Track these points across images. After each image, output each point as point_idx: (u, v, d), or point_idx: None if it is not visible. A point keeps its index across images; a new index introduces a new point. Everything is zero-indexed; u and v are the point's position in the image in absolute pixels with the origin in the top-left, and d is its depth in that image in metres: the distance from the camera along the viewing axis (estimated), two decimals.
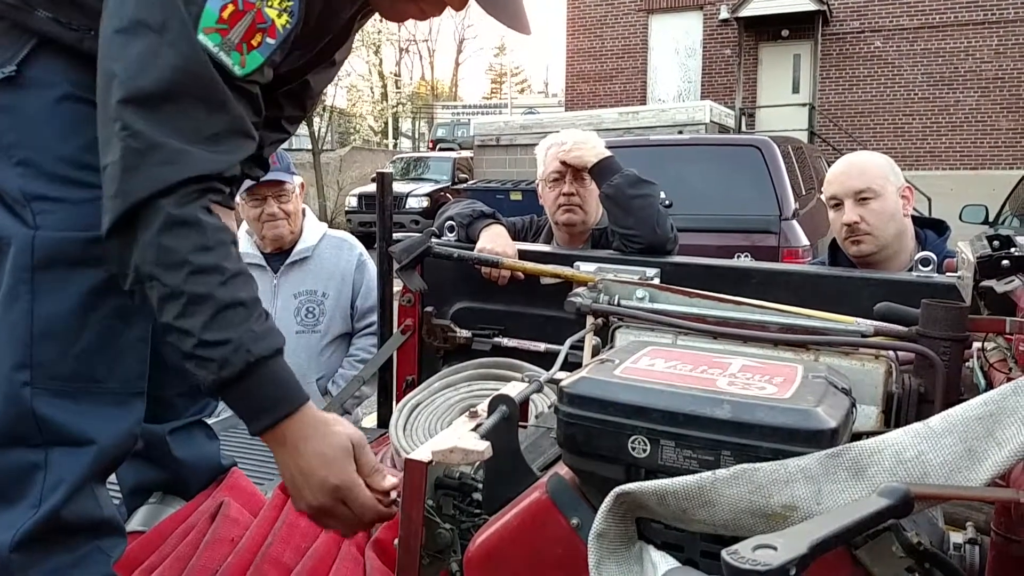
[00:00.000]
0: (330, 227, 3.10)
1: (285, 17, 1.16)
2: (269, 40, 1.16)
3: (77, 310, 1.22)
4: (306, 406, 1.17)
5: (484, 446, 1.01)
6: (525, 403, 1.32)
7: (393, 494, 1.20)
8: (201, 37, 1.10)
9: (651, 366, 0.97)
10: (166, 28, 1.09)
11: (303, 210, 2.88)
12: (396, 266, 2.36)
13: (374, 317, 2.83)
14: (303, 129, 19.81)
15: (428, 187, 16.60)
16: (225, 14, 1.11)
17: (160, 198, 1.09)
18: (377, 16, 1.44)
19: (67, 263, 1.21)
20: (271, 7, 1.14)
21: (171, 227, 1.09)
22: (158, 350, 1.40)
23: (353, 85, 25.76)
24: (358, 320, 2.89)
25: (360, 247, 2.98)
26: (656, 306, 1.43)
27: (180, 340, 1.11)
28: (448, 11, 1.34)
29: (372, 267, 2.90)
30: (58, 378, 1.21)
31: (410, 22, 1.49)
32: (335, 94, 23.58)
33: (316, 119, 19.95)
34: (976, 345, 1.24)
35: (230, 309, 1.11)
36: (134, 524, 1.59)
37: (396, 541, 1.09)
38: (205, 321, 1.09)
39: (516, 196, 9.60)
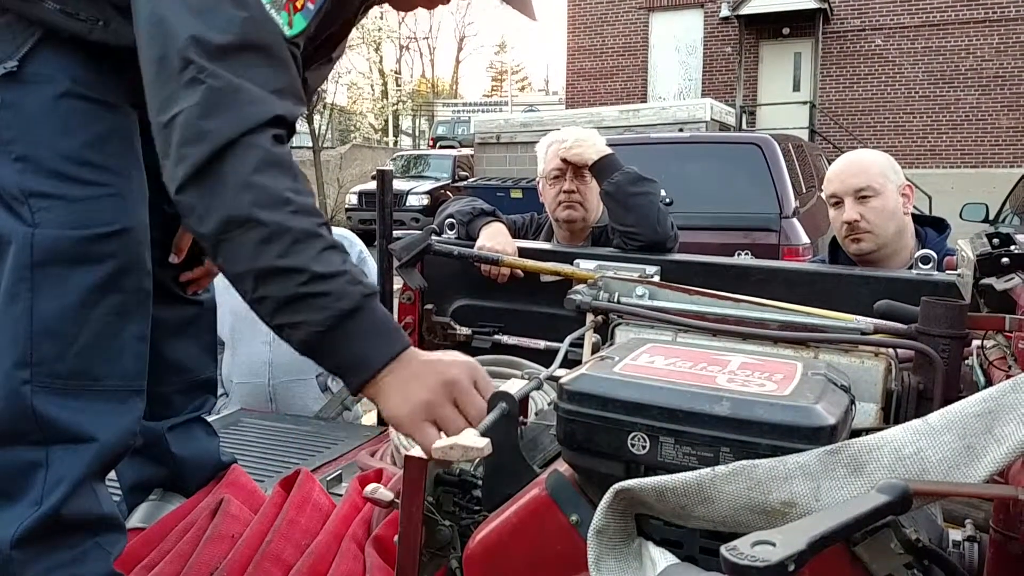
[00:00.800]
0: (330, 224, 3.10)
1: None
2: (310, 5, 1.14)
3: (76, 308, 1.22)
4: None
5: (484, 443, 1.01)
6: (525, 400, 1.32)
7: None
8: None
9: (651, 363, 0.98)
10: None
11: None
12: (396, 263, 2.37)
13: None
14: (303, 126, 19.80)
15: (428, 185, 16.59)
16: None
17: (250, 136, 1.04)
18: (377, 13, 1.45)
19: (66, 261, 1.21)
20: None
21: (268, 166, 1.04)
22: (157, 347, 1.40)
23: (353, 83, 25.76)
24: None
25: (360, 244, 2.98)
26: (656, 303, 1.43)
27: (285, 282, 1.01)
28: (454, 2, 1.34)
29: (372, 264, 2.90)
30: (58, 376, 1.21)
31: (411, 19, 1.48)
32: (335, 91, 23.58)
33: (316, 116, 19.93)
34: (976, 343, 1.25)
35: (334, 249, 1.06)
36: (134, 521, 1.59)
37: (396, 538, 1.09)
38: (315, 255, 1.03)
39: (516, 194, 9.60)
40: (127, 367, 1.29)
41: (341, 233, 2.99)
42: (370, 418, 2.97)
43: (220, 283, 1.44)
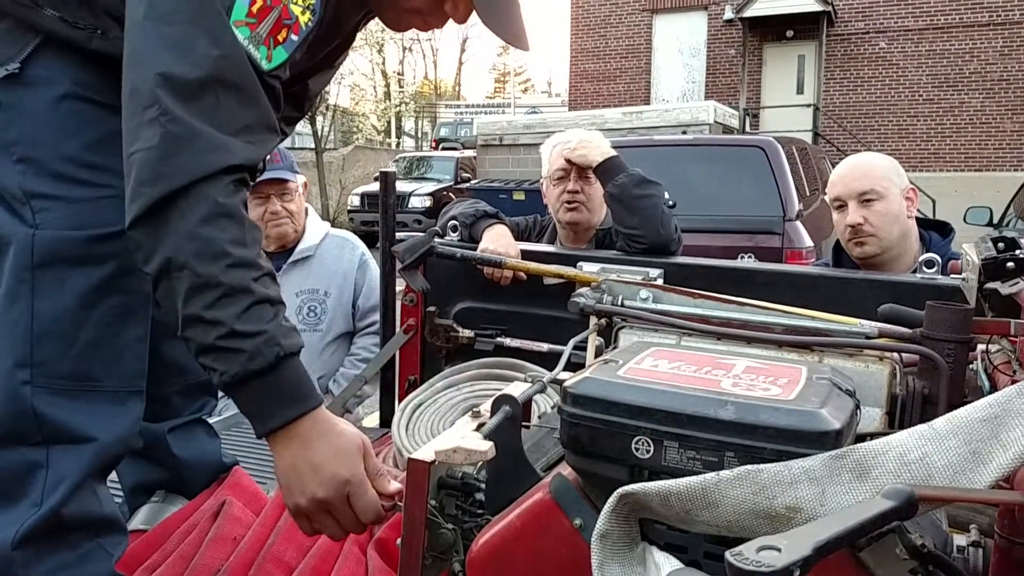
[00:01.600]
0: (332, 226, 3.10)
1: (308, 15, 1.18)
2: (293, 36, 1.17)
3: (76, 309, 1.22)
4: (322, 405, 1.17)
5: (487, 446, 1.01)
6: (528, 403, 1.31)
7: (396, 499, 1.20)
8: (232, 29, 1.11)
9: (655, 367, 0.97)
10: (202, 15, 1.09)
11: (306, 209, 2.89)
12: (399, 265, 2.36)
13: (375, 316, 2.83)
14: (306, 128, 19.84)
15: (431, 186, 16.60)
16: (254, 8, 1.12)
17: (203, 184, 1.07)
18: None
19: (67, 262, 1.21)
20: (296, 4, 1.16)
21: (215, 217, 1.08)
22: (157, 348, 1.40)
23: (356, 84, 25.81)
24: (359, 319, 2.89)
25: (362, 246, 2.98)
26: (660, 307, 1.43)
27: (205, 331, 1.08)
28: (450, 22, 1.35)
29: (374, 267, 2.90)
30: (58, 376, 1.21)
31: (408, 31, 1.49)
32: (338, 93, 23.62)
33: (319, 118, 19.96)
34: (980, 347, 1.24)
35: (263, 304, 1.10)
36: (136, 523, 1.59)
37: (398, 541, 1.09)
38: (239, 312, 1.07)
39: (519, 196, 9.61)
40: (127, 368, 1.29)
41: (343, 235, 3.00)
42: (371, 420, 2.97)
43: None
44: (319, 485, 1.15)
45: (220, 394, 2.45)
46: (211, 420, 1.74)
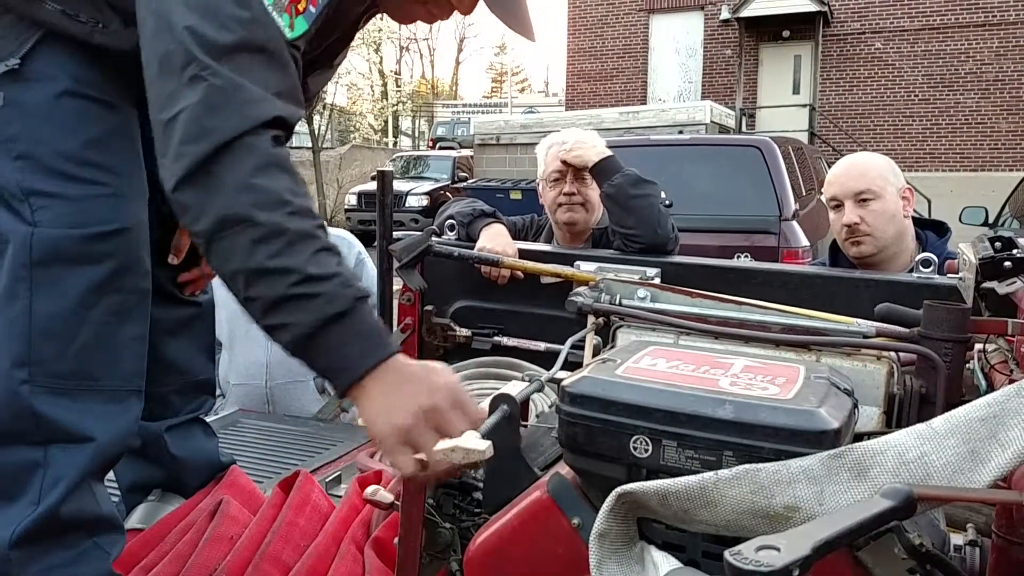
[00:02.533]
0: (329, 225, 3.09)
1: None
2: (311, 8, 1.14)
3: (75, 308, 1.22)
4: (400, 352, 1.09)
5: (485, 445, 1.01)
6: (525, 402, 1.31)
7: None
8: None
9: (653, 366, 0.97)
10: None
11: None
12: (396, 264, 2.36)
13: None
14: (303, 127, 19.81)
15: (428, 186, 16.60)
16: None
17: (250, 136, 1.03)
18: (378, 14, 1.45)
19: (65, 261, 1.21)
20: None
21: (267, 166, 1.04)
22: (155, 347, 1.40)
23: (353, 83, 25.79)
24: None
25: (359, 245, 2.98)
26: (658, 306, 1.43)
27: (276, 282, 1.01)
28: (455, 15, 1.34)
29: (370, 265, 2.89)
30: (56, 376, 1.21)
31: (413, 23, 1.48)
32: (335, 92, 23.57)
33: (316, 117, 19.93)
34: (977, 347, 1.24)
35: (329, 250, 1.05)
36: (133, 522, 1.59)
37: (396, 540, 1.09)
38: (309, 257, 1.02)
39: (516, 195, 9.60)
40: (126, 367, 1.29)
41: (339, 234, 2.99)
42: None
43: (218, 284, 1.44)
44: (423, 395, 1.04)
45: (217, 393, 2.45)
46: (208, 419, 1.74)
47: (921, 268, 2.03)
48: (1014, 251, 1.30)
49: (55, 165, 1.20)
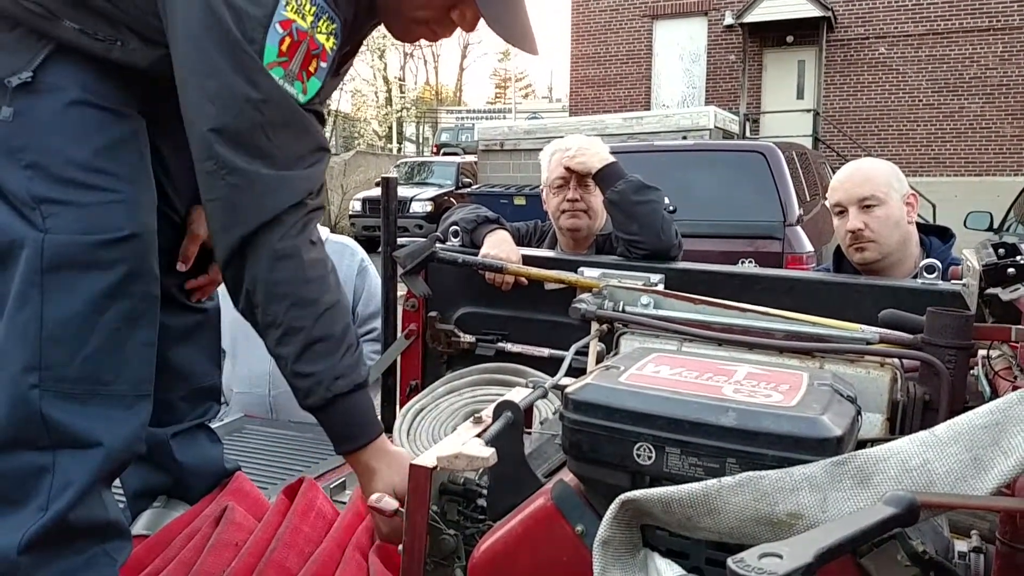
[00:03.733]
0: (333, 231, 3.08)
1: (332, 40, 1.23)
2: (323, 64, 1.22)
3: (85, 313, 1.23)
4: (380, 439, 1.30)
5: (489, 452, 1.01)
6: (529, 409, 1.32)
7: None
8: None
9: (656, 373, 0.97)
10: (239, 65, 1.14)
11: None
12: (400, 271, 2.37)
13: (375, 323, 2.83)
14: None
15: (432, 191, 16.61)
16: (284, 47, 1.17)
17: (266, 230, 1.18)
18: None
19: (76, 266, 1.22)
20: (320, 33, 1.20)
21: (276, 260, 1.19)
22: (162, 353, 1.40)
23: (358, 90, 25.85)
24: (359, 326, 2.88)
25: (362, 253, 2.97)
26: (661, 312, 1.43)
27: (281, 364, 1.24)
28: (457, 31, 1.36)
29: (373, 273, 2.89)
30: (66, 380, 1.22)
31: (416, 42, 1.52)
32: (339, 98, 23.62)
33: None
34: (981, 353, 1.24)
35: (320, 343, 1.22)
36: (138, 528, 1.59)
37: (400, 547, 1.09)
38: (297, 352, 1.21)
39: (520, 201, 9.60)
40: (135, 372, 1.29)
41: (343, 241, 2.99)
42: None
43: (222, 292, 1.45)
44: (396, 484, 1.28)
45: (223, 398, 2.45)
46: (213, 425, 1.74)
47: (925, 274, 2.02)
48: (1018, 257, 1.30)
49: (65, 173, 1.22)
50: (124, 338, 1.27)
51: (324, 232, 2.92)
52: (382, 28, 1.43)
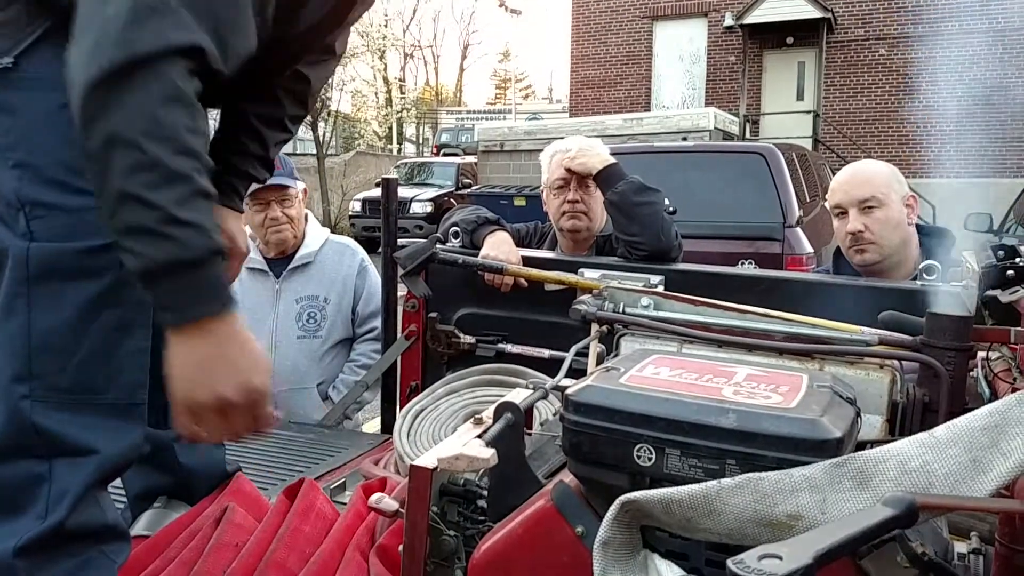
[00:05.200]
0: (333, 231, 3.09)
1: None
2: None
3: (75, 322, 1.21)
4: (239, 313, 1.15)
5: (489, 453, 1.01)
6: (529, 410, 1.32)
7: None
8: None
9: (656, 374, 0.98)
10: None
11: (306, 215, 2.89)
12: (401, 272, 2.37)
13: (375, 323, 2.84)
14: (308, 134, 19.88)
15: (432, 192, 16.62)
16: None
17: (164, 61, 1.04)
18: (382, 21, 1.45)
19: (64, 275, 1.19)
20: None
21: (171, 99, 1.05)
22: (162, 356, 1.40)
23: (358, 90, 25.84)
24: (359, 326, 2.89)
25: (362, 253, 2.98)
26: (661, 314, 1.43)
27: (141, 212, 1.04)
28: (460, 11, 1.35)
29: (373, 273, 2.90)
30: (57, 390, 1.20)
31: (415, 27, 1.49)
32: (340, 99, 23.66)
33: (321, 124, 19.99)
34: (981, 355, 1.25)
35: (203, 197, 1.08)
36: (139, 528, 1.59)
37: (401, 548, 1.10)
38: (179, 199, 1.04)
39: (520, 202, 9.60)
40: (127, 380, 1.28)
41: (343, 241, 3.00)
42: (373, 426, 2.97)
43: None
44: (230, 386, 1.12)
45: None
46: None
47: (925, 276, 2.03)
48: (1017, 259, 1.30)
49: (55, 175, 1.19)
50: (116, 345, 1.25)
51: (324, 233, 2.94)
52: (383, 30, 1.42)
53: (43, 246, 1.18)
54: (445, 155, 23.38)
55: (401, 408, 2.27)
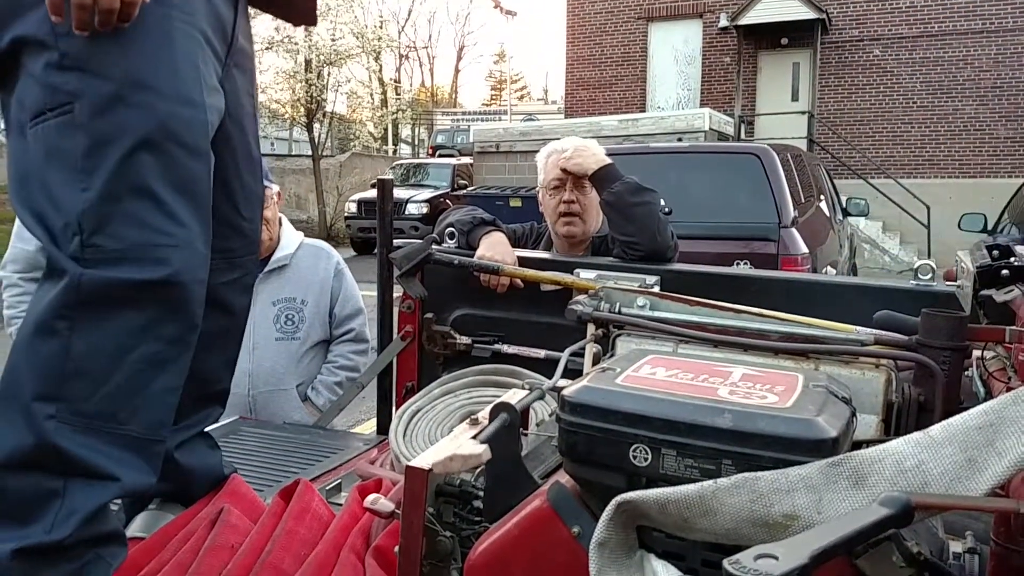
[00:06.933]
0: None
1: None
2: None
3: (112, 351, 1.22)
4: None
5: (482, 448, 1.01)
6: (526, 411, 1.32)
7: None
8: None
9: (652, 374, 0.98)
10: None
11: (280, 218, 2.89)
12: (397, 272, 2.37)
13: (352, 324, 2.87)
14: (303, 135, 19.85)
15: (427, 193, 16.60)
16: None
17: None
18: (377, 23, 1.47)
19: (110, 304, 1.21)
20: None
21: None
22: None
23: (353, 91, 25.78)
24: (336, 327, 2.90)
25: (337, 256, 2.99)
26: (657, 314, 1.43)
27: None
28: (455, 11, 1.37)
29: (349, 275, 2.92)
30: (82, 415, 1.21)
31: (411, 29, 1.53)
32: (335, 100, 23.62)
33: (316, 125, 19.96)
34: (976, 354, 1.25)
35: None
36: (133, 530, 1.59)
37: (397, 548, 1.09)
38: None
39: (515, 203, 9.59)
40: (151, 417, 1.28)
41: (317, 244, 3.00)
42: (369, 427, 2.97)
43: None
44: None
45: None
46: (210, 427, 1.74)
47: (920, 276, 2.03)
48: (1012, 259, 1.30)
49: (125, 207, 1.21)
50: (147, 382, 1.26)
51: (299, 236, 2.94)
52: (378, 31, 1.43)
53: (96, 274, 1.20)
54: (440, 156, 23.37)
55: (397, 409, 2.26)
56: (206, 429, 1.72)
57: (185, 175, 1.26)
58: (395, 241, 2.47)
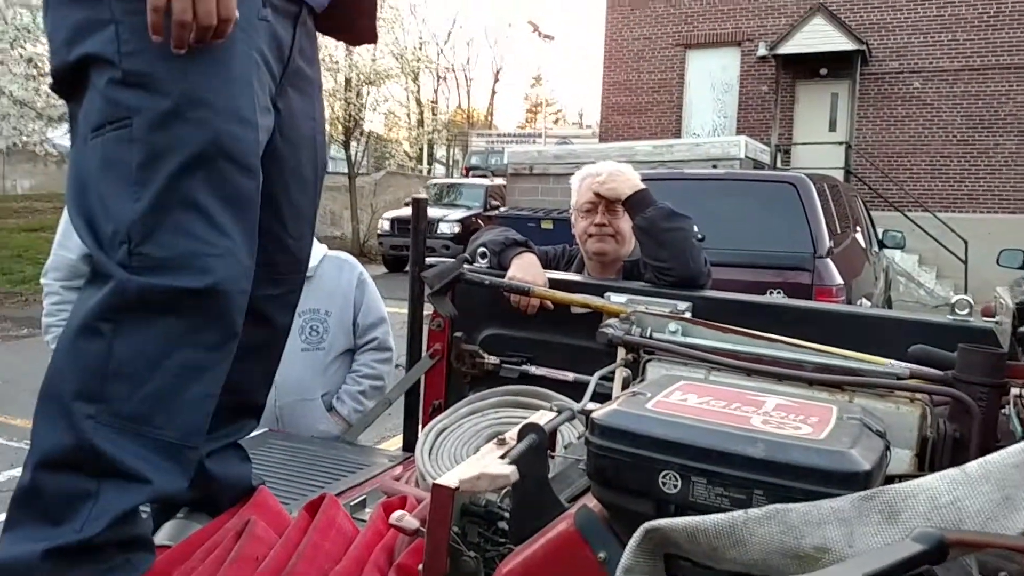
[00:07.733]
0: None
1: None
2: None
3: (152, 355, 1.24)
4: None
5: (510, 469, 1.01)
6: (553, 433, 1.31)
7: None
8: None
9: (684, 401, 0.97)
10: None
11: None
12: (428, 291, 2.38)
13: (376, 332, 2.89)
14: (340, 153, 20.06)
15: (460, 213, 16.67)
16: None
17: None
18: (416, 44, 1.49)
19: (154, 309, 1.23)
20: None
21: None
22: None
23: (391, 111, 26.03)
24: (360, 336, 2.92)
25: (359, 267, 3.01)
26: (688, 340, 1.43)
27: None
28: (492, 36, 1.38)
29: (371, 285, 2.95)
30: (120, 416, 1.24)
31: (449, 51, 1.56)
32: (372, 119, 23.84)
33: (353, 143, 20.16)
34: (1013, 391, 1.23)
35: None
36: (160, 538, 1.60)
37: (420, 567, 1.09)
38: None
39: (547, 224, 9.60)
40: (186, 423, 1.30)
41: (340, 256, 3.02)
42: (395, 444, 2.97)
43: None
44: None
45: None
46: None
47: (957, 310, 2.00)
48: None
49: (173, 218, 1.23)
50: (184, 387, 1.28)
51: (322, 249, 2.97)
52: (417, 52, 1.46)
53: (141, 281, 1.22)
54: (474, 177, 23.48)
55: (423, 426, 2.27)
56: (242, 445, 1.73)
57: (233, 190, 1.28)
58: (427, 259, 2.48)
